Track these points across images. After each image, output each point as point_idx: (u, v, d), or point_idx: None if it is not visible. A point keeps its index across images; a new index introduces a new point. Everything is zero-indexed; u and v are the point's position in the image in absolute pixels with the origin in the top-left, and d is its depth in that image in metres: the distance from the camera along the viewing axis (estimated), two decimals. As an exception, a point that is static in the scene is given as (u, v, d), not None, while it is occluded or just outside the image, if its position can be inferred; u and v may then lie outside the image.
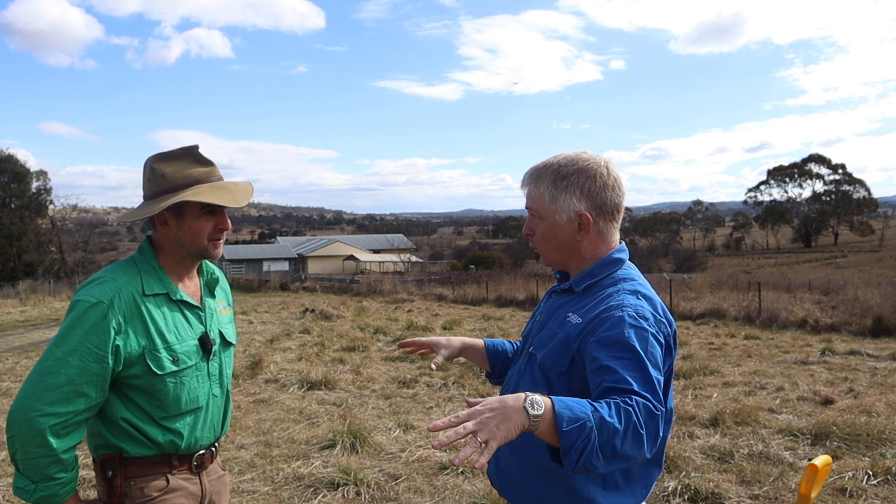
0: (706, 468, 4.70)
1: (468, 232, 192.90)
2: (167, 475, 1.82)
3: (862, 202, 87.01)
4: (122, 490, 1.77)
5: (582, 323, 1.57)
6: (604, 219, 1.67)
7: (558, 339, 1.62)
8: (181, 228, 1.83)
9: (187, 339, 1.84)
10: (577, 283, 1.69)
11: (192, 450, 1.87)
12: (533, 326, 1.82)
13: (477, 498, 4.15)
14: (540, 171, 1.70)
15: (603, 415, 1.28)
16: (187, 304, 1.88)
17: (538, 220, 1.71)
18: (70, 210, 52.49)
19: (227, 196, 1.84)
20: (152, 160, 1.85)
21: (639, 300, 1.57)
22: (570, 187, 1.64)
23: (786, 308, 14.76)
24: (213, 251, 1.88)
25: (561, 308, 1.71)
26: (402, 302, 22.32)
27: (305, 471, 4.74)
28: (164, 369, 1.77)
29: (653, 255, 60.42)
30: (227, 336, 2.00)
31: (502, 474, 1.74)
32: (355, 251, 67.93)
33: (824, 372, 8.50)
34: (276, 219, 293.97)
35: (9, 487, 4.45)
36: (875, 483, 4.32)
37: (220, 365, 1.96)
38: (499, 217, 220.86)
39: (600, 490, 1.57)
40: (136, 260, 1.86)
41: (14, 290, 31.61)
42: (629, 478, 1.60)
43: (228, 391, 2.02)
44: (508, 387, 1.79)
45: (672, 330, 1.61)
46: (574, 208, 1.64)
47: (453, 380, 7.83)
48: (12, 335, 14.68)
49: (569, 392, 1.57)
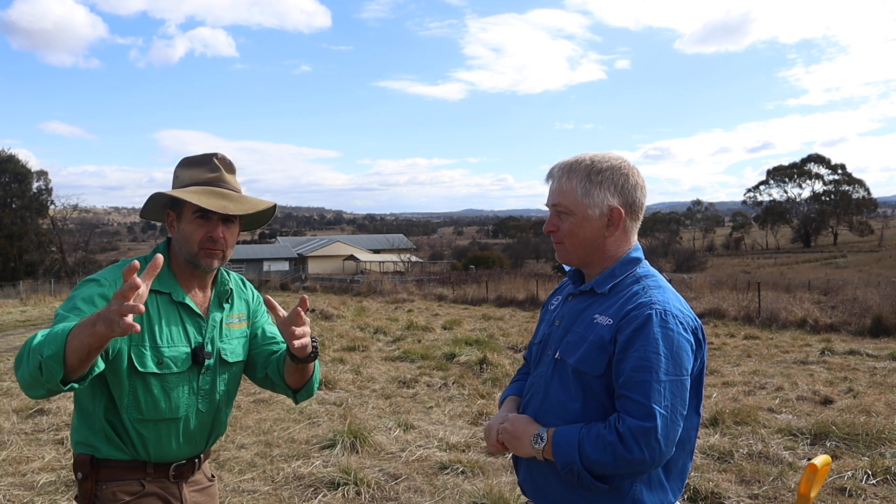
0: (706, 468, 4.71)
1: (468, 232, 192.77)
2: (141, 480, 1.77)
3: (861, 202, 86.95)
4: (93, 493, 1.73)
5: (613, 323, 1.60)
6: (631, 217, 1.71)
7: (590, 343, 1.63)
8: (179, 231, 1.82)
9: (178, 345, 1.79)
10: (600, 285, 1.70)
11: (165, 459, 1.81)
12: (553, 331, 1.79)
13: (477, 497, 4.16)
14: (572, 165, 1.71)
15: (588, 454, 1.54)
16: (189, 310, 1.83)
17: (565, 216, 1.71)
18: (71, 210, 52.53)
19: (216, 202, 1.76)
20: (179, 164, 1.88)
21: (665, 296, 1.63)
22: (604, 182, 1.68)
23: (785, 308, 14.76)
24: (204, 260, 1.80)
25: (585, 311, 1.70)
26: (403, 302, 22.33)
27: (306, 470, 4.75)
28: (145, 367, 1.73)
29: (652, 255, 60.35)
30: (225, 354, 1.89)
31: (538, 485, 1.72)
32: (355, 251, 67.94)
33: (824, 372, 8.51)
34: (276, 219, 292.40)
35: (9, 487, 4.46)
36: (874, 483, 4.33)
37: (213, 381, 1.87)
38: (499, 217, 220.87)
39: (645, 488, 1.61)
40: (147, 258, 1.84)
41: (15, 290, 31.62)
42: (670, 473, 1.64)
43: (220, 409, 1.92)
44: (536, 395, 1.76)
45: (698, 324, 1.66)
46: (608, 203, 1.67)
47: (453, 380, 7.84)
48: (13, 335, 14.68)
49: (606, 392, 1.61)
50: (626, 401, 1.53)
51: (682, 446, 1.64)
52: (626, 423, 1.51)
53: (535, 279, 24.79)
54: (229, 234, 1.83)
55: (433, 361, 9.27)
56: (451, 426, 5.93)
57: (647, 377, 1.51)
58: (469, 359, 9.18)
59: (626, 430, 1.50)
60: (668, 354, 1.53)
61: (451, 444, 5.34)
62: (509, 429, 1.69)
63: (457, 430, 5.79)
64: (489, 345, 10.46)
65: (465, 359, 9.22)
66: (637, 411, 1.51)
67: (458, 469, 4.69)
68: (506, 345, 10.73)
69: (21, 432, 5.77)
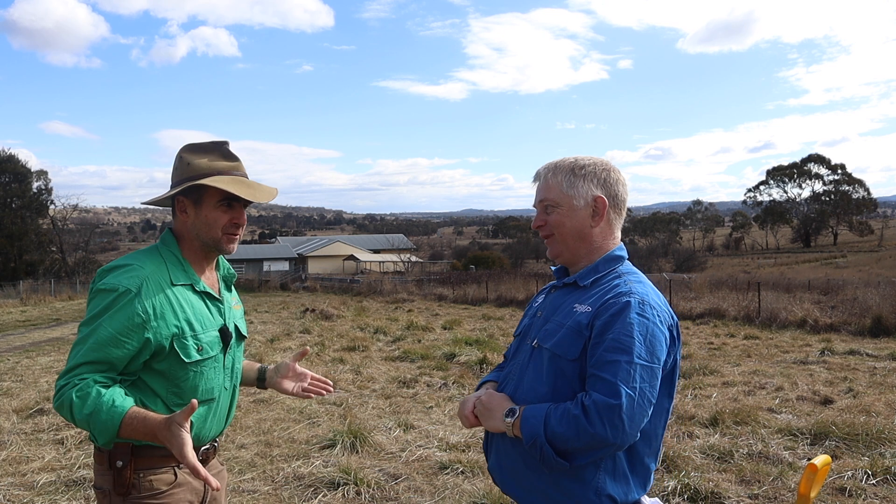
0: (706, 468, 4.71)
1: (468, 232, 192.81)
2: (175, 469, 1.81)
3: (861, 202, 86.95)
4: (131, 481, 1.75)
5: (591, 311, 1.66)
6: (615, 210, 1.79)
7: (568, 328, 1.68)
8: (198, 217, 1.86)
9: (210, 329, 1.86)
10: (582, 278, 1.77)
11: (200, 442, 1.86)
12: (533, 322, 1.85)
13: (477, 497, 4.16)
14: (557, 164, 1.82)
15: (553, 427, 1.57)
16: (209, 296, 1.91)
17: (552, 208, 1.78)
18: (71, 210, 52.55)
19: (246, 190, 1.86)
20: (183, 150, 1.90)
21: (645, 289, 1.68)
22: (587, 176, 1.77)
23: (785, 308, 14.77)
24: (227, 245, 1.90)
25: (566, 301, 1.77)
26: (403, 302, 22.34)
27: (306, 470, 4.75)
28: (190, 357, 1.78)
29: (652, 255, 60.37)
30: (241, 329, 2.03)
31: (505, 470, 1.77)
32: (355, 251, 67.90)
33: (823, 372, 8.51)
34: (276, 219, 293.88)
35: (9, 487, 4.46)
36: (874, 482, 4.32)
37: (233, 358, 1.97)
38: (499, 217, 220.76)
39: (609, 478, 1.64)
40: (159, 249, 1.87)
41: (15, 290, 31.61)
42: (634, 468, 1.68)
43: (237, 385, 2.03)
44: (511, 381, 1.81)
45: (675, 321, 1.71)
46: (592, 193, 1.76)
47: (453, 379, 7.85)
48: (13, 335, 14.69)
49: (579, 377, 1.64)
50: (595, 379, 1.57)
51: (648, 442, 1.68)
52: (592, 397, 1.55)
53: (535, 279, 24.79)
54: (245, 219, 1.95)
55: (433, 361, 9.27)
56: (451, 426, 5.93)
57: (618, 357, 1.56)
58: (469, 359, 9.19)
59: (591, 404, 1.53)
60: (642, 340, 1.58)
61: (451, 444, 5.34)
62: (485, 400, 1.74)
63: (457, 430, 5.79)
64: (489, 345, 10.48)
65: (465, 359, 9.22)
66: (604, 388, 1.54)
67: (458, 469, 4.69)
68: (506, 345, 10.73)
69: (21, 432, 5.77)
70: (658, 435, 1.70)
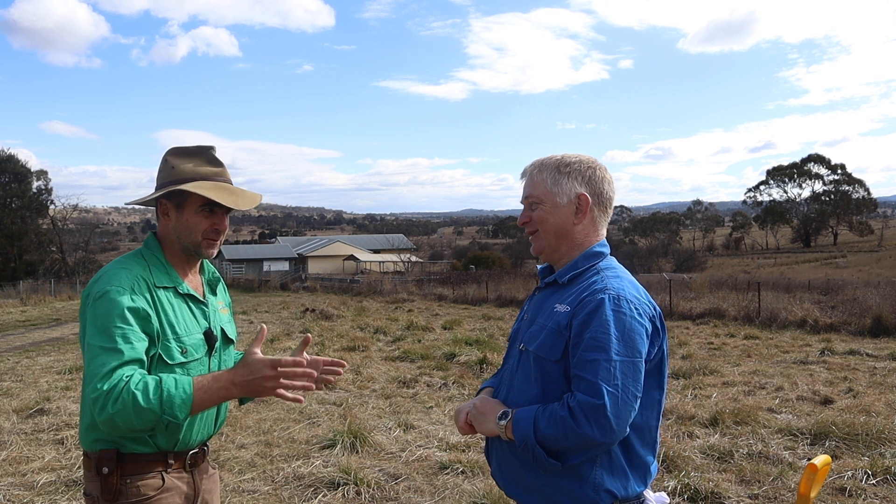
0: (706, 468, 4.71)
1: (468, 232, 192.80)
2: (162, 473, 1.81)
3: (861, 202, 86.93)
4: (118, 488, 1.75)
5: (570, 310, 1.67)
6: (599, 208, 1.80)
7: (549, 329, 1.69)
8: (180, 221, 1.87)
9: (194, 332, 1.87)
10: (561, 275, 1.78)
11: (187, 446, 1.87)
12: (521, 325, 1.88)
13: (477, 497, 4.16)
14: (543, 161, 1.83)
15: (542, 429, 1.59)
16: (193, 299, 1.92)
17: (536, 205, 1.80)
18: (71, 210, 52.57)
19: (228, 197, 1.87)
20: (168, 153, 1.92)
21: (621, 284, 1.68)
22: (572, 173, 1.78)
23: (785, 308, 14.76)
24: (207, 250, 1.91)
25: (546, 301, 1.79)
26: (403, 302, 22.33)
27: (306, 470, 4.75)
28: (174, 359, 1.79)
29: (652, 255, 60.35)
30: (228, 333, 2.03)
31: (505, 473, 1.79)
32: (355, 251, 67.90)
33: (823, 372, 8.51)
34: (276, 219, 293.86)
35: (9, 487, 4.46)
36: (874, 482, 4.33)
37: (219, 362, 1.97)
38: (499, 217, 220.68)
39: (607, 474, 1.64)
40: (143, 254, 1.89)
41: (15, 290, 31.63)
42: (632, 462, 1.68)
43: None
44: (503, 385, 1.85)
45: (657, 312, 1.71)
46: (575, 190, 1.77)
47: (453, 380, 7.85)
48: (13, 335, 14.69)
49: (564, 378, 1.65)
50: (578, 380, 1.59)
51: (642, 436, 1.68)
52: (577, 398, 1.56)
53: (535, 279, 24.76)
54: (226, 224, 1.96)
55: (433, 361, 9.28)
56: (451, 426, 5.93)
57: (596, 356, 1.57)
58: (469, 359, 9.19)
59: (576, 405, 1.55)
60: (620, 336, 1.58)
61: (451, 444, 5.34)
62: (478, 405, 1.78)
63: (456, 430, 5.79)
64: (489, 345, 10.48)
65: (465, 359, 9.23)
66: (587, 389, 1.56)
67: (458, 469, 4.69)
68: (506, 345, 10.71)
69: (21, 432, 5.77)
70: (652, 427, 1.71)
